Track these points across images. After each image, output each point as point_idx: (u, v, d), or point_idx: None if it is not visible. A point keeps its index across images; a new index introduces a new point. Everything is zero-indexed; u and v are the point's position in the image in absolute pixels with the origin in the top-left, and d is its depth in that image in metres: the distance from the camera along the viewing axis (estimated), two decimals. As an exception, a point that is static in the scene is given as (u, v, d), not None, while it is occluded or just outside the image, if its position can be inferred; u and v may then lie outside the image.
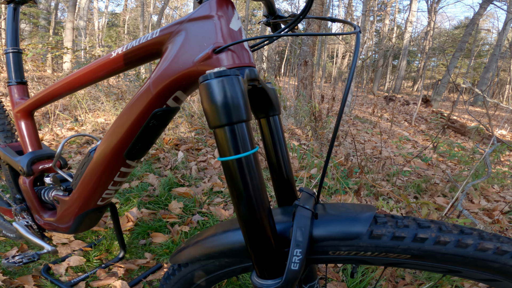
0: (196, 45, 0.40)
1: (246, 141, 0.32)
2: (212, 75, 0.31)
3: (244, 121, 0.32)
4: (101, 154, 0.53)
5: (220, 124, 0.31)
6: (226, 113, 0.31)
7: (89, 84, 0.60)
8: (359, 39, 0.41)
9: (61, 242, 1.23)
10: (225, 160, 0.33)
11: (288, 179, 0.49)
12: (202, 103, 0.32)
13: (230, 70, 0.31)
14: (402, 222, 0.38)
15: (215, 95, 0.30)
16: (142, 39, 0.48)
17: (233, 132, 0.31)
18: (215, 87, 0.30)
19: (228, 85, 0.31)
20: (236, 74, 0.32)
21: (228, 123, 0.31)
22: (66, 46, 4.23)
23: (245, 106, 0.32)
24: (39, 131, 2.77)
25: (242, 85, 0.32)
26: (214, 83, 0.30)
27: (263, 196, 0.34)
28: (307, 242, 0.36)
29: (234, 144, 0.32)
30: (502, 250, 0.35)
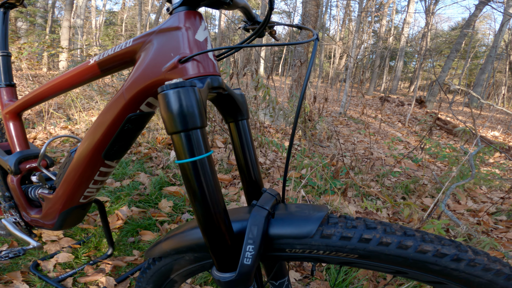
0: (164, 55, 0.43)
1: (200, 146, 0.35)
2: (168, 86, 0.34)
3: (198, 127, 0.35)
4: (81, 155, 0.56)
5: (176, 130, 0.34)
6: (181, 121, 0.34)
7: (70, 89, 0.63)
8: (316, 46, 0.44)
9: (51, 239, 1.25)
10: (181, 163, 0.36)
11: (256, 180, 0.52)
12: (160, 111, 0.35)
13: (186, 81, 0.34)
14: (351, 223, 0.41)
15: (171, 104, 0.33)
16: (117, 48, 0.51)
17: (188, 138, 0.34)
18: (171, 97, 0.33)
19: (184, 95, 0.34)
20: (192, 85, 0.35)
21: (184, 130, 0.34)
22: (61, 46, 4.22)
23: (199, 114, 0.35)
24: (33, 130, 2.78)
25: (198, 95, 0.35)
26: (171, 93, 0.33)
27: (218, 196, 0.37)
28: (259, 239, 0.39)
29: (189, 148, 0.35)
30: (441, 253, 0.37)
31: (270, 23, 0.66)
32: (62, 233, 1.29)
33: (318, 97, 7.47)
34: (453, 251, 0.38)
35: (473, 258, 0.38)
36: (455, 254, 0.38)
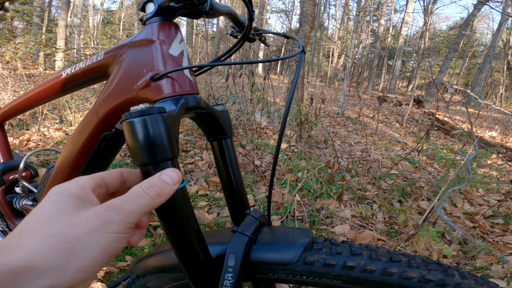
0: (136, 71, 0.40)
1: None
2: (133, 114, 0.30)
3: (168, 159, 0.32)
4: (58, 171, 0.54)
5: (144, 163, 0.31)
6: (149, 153, 0.30)
7: (47, 101, 0.61)
8: (302, 59, 0.42)
9: None
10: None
11: (242, 199, 0.50)
12: (126, 140, 0.32)
13: (154, 107, 0.31)
14: (336, 248, 0.39)
15: (137, 134, 0.30)
16: (88, 61, 0.48)
17: (157, 170, 0.31)
18: (137, 126, 0.30)
19: (151, 124, 0.30)
20: (161, 112, 0.31)
21: (152, 163, 0.31)
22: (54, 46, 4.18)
23: (169, 145, 0.32)
24: (27, 131, 2.76)
25: (167, 123, 0.32)
26: (136, 122, 0.30)
27: (192, 225, 0.35)
28: (238, 267, 0.37)
29: None
30: (426, 279, 0.36)
31: (257, 31, 0.64)
32: None
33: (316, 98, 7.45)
34: (439, 276, 0.37)
35: (459, 283, 0.37)
36: (441, 280, 0.37)
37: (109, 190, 0.31)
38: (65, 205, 0.25)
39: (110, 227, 0.25)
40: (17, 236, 0.24)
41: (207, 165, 2.33)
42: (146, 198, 0.27)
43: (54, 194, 0.26)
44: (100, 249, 0.24)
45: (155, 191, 0.28)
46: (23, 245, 0.23)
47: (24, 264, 0.22)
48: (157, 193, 0.28)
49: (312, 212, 1.77)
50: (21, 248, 0.22)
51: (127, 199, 0.26)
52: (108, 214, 0.25)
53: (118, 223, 0.25)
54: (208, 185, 2.02)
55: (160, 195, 0.28)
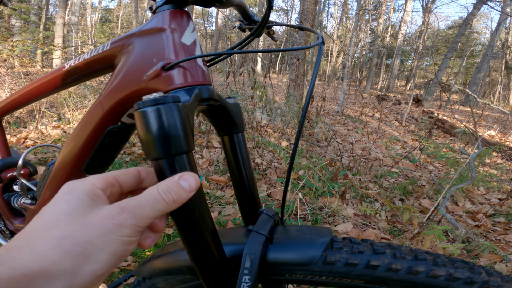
0: (146, 61, 0.37)
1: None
2: (146, 103, 0.28)
3: (184, 152, 0.29)
4: (59, 169, 0.51)
5: (157, 157, 0.28)
6: (163, 146, 0.28)
7: (47, 95, 0.58)
8: (321, 50, 0.40)
9: None
10: None
11: (253, 197, 0.48)
12: (137, 132, 0.29)
13: (168, 96, 0.29)
14: (358, 247, 0.37)
15: (150, 125, 0.28)
16: (93, 51, 0.46)
17: (172, 165, 0.29)
18: (150, 116, 0.28)
19: (166, 114, 0.28)
20: (176, 101, 0.29)
21: (166, 156, 0.28)
22: (52, 44, 4.14)
23: (185, 137, 0.29)
24: (24, 129, 2.72)
25: (183, 113, 0.30)
26: (149, 112, 0.28)
27: (208, 224, 0.33)
28: (256, 269, 0.35)
29: None
30: (454, 277, 0.34)
31: (269, 23, 0.61)
32: None
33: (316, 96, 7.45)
34: (467, 274, 0.35)
35: (487, 280, 0.36)
36: (469, 277, 0.35)
37: (123, 190, 0.30)
38: (77, 203, 0.24)
39: (122, 230, 0.24)
40: (27, 237, 0.23)
41: (208, 163, 2.31)
42: (162, 204, 0.26)
43: (66, 192, 0.25)
44: (111, 252, 0.23)
45: (172, 197, 0.26)
46: (33, 248, 0.22)
47: (35, 268, 0.21)
48: (173, 199, 0.26)
49: (314, 211, 1.75)
50: (32, 251, 0.21)
51: (142, 203, 0.25)
52: (122, 216, 0.24)
53: (130, 227, 0.24)
54: (208, 183, 1.99)
55: (175, 202, 0.27)
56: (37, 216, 0.24)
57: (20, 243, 0.22)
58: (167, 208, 0.26)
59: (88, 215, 0.24)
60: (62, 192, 0.25)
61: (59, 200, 0.25)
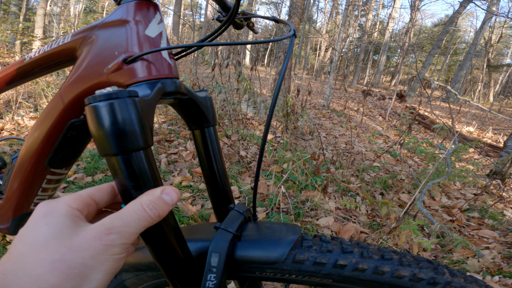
0: (108, 53, 0.36)
1: (145, 171, 0.29)
2: (97, 97, 0.26)
3: (141, 149, 0.28)
4: (22, 162, 0.49)
5: (111, 153, 0.27)
6: (117, 142, 0.27)
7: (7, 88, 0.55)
8: (293, 43, 0.39)
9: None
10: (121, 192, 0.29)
11: (225, 192, 0.47)
12: (89, 128, 0.28)
13: (123, 90, 0.27)
14: (327, 246, 0.37)
15: (102, 121, 0.26)
16: (54, 43, 0.44)
17: (128, 162, 0.27)
18: (102, 111, 0.26)
19: (119, 109, 0.27)
20: (132, 95, 0.28)
21: (121, 152, 0.27)
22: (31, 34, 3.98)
23: (142, 132, 0.28)
24: (0, 120, 2.60)
25: (140, 108, 0.28)
26: (101, 107, 0.26)
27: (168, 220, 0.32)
28: (222, 267, 0.34)
29: (129, 176, 0.28)
30: (418, 277, 0.35)
31: (246, 15, 0.60)
32: None
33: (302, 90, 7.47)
34: (430, 274, 0.36)
35: (450, 281, 0.37)
36: (432, 278, 0.36)
37: (99, 207, 0.30)
38: (59, 226, 0.24)
39: (112, 250, 0.25)
40: (17, 261, 0.23)
41: (191, 155, 2.28)
42: (147, 220, 0.26)
43: (43, 215, 0.25)
44: (105, 271, 0.24)
45: (157, 212, 0.27)
46: (29, 272, 0.22)
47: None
48: (159, 215, 0.27)
49: (297, 204, 1.77)
50: (29, 275, 0.22)
51: (129, 222, 0.26)
52: (110, 237, 0.25)
53: (119, 246, 0.25)
54: (192, 176, 1.97)
55: (160, 216, 0.27)
56: (19, 240, 0.24)
57: (13, 267, 0.22)
58: (152, 223, 0.27)
59: (74, 237, 0.24)
60: (39, 215, 0.25)
61: (38, 223, 0.25)
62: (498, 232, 1.79)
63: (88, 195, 0.28)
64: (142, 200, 0.27)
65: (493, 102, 9.27)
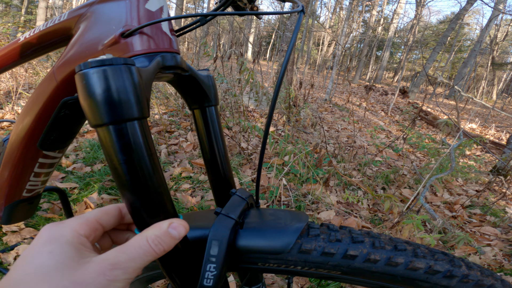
0: (105, 28, 0.34)
1: (139, 143, 0.26)
2: (89, 64, 0.25)
3: (135, 118, 0.26)
4: (13, 144, 0.46)
5: (101, 122, 0.25)
6: (109, 110, 0.25)
7: (4, 70, 0.53)
8: (301, 18, 0.36)
9: (11, 230, 1.14)
10: (112, 167, 0.27)
11: (226, 177, 0.44)
12: (79, 98, 0.26)
13: (118, 58, 0.25)
14: (335, 235, 0.35)
15: (93, 88, 0.25)
16: (49, 22, 0.42)
17: (120, 133, 0.26)
18: (93, 78, 0.24)
19: (112, 76, 0.25)
20: (127, 63, 0.26)
21: (113, 122, 0.25)
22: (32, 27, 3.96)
23: (137, 102, 0.26)
24: (0, 110, 2.57)
25: (136, 76, 0.26)
26: (91, 73, 0.24)
27: (166, 205, 0.29)
28: (223, 256, 0.32)
29: (122, 147, 0.26)
30: (434, 270, 0.32)
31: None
32: (24, 224, 1.19)
33: (304, 83, 7.41)
34: (446, 267, 0.34)
35: (467, 274, 0.34)
36: (448, 270, 0.33)
37: (105, 229, 0.30)
38: (62, 257, 0.24)
39: (115, 284, 0.24)
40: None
41: (192, 146, 2.25)
42: (152, 255, 0.26)
43: (48, 241, 0.25)
44: None
45: (163, 248, 0.26)
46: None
47: None
48: (164, 250, 0.27)
49: (298, 197, 1.75)
50: None
51: (134, 257, 0.25)
52: (114, 273, 0.24)
53: (123, 281, 0.25)
54: (192, 167, 1.95)
55: (165, 251, 0.27)
56: (21, 265, 0.24)
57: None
58: (157, 257, 0.26)
59: (77, 270, 0.24)
60: (43, 241, 0.25)
61: (41, 251, 0.24)
62: (500, 229, 1.77)
63: (95, 220, 0.28)
64: (148, 235, 0.26)
65: (496, 100, 9.19)
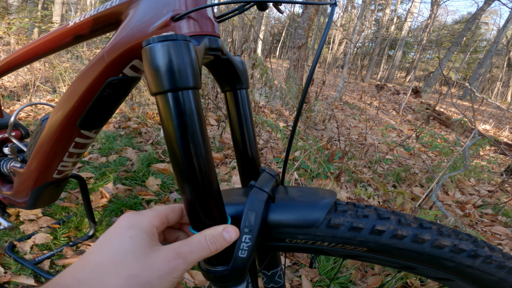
0: (155, 12, 0.37)
1: (192, 110, 0.29)
2: (155, 39, 0.28)
3: (190, 87, 0.29)
4: (53, 123, 0.49)
5: (162, 90, 0.28)
6: (169, 78, 0.28)
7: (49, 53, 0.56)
8: (333, 12, 0.38)
9: (29, 218, 1.15)
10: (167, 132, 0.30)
11: (253, 158, 0.46)
12: (144, 69, 0.29)
13: (179, 35, 0.28)
14: (362, 211, 0.36)
15: (158, 59, 0.27)
16: (100, 8, 0.44)
17: (177, 100, 0.28)
18: (158, 51, 0.27)
19: (174, 50, 0.28)
20: (186, 40, 0.29)
21: (171, 89, 0.28)
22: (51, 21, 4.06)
23: (192, 73, 0.29)
24: (18, 102, 2.65)
25: (192, 52, 0.29)
26: (158, 47, 0.27)
27: (211, 176, 0.31)
28: (258, 228, 0.33)
29: (178, 114, 0.28)
30: (459, 248, 0.34)
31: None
32: (41, 212, 1.21)
33: (316, 81, 7.37)
34: (471, 246, 0.35)
35: (490, 255, 0.35)
36: (473, 250, 0.34)
37: (168, 225, 0.33)
38: (140, 243, 0.27)
39: (175, 273, 0.27)
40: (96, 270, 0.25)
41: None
42: (207, 251, 0.30)
43: (128, 227, 0.28)
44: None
45: (216, 247, 0.30)
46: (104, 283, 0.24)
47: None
48: (217, 249, 0.30)
49: (309, 192, 1.76)
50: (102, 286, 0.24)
51: (193, 250, 0.29)
52: (177, 262, 0.27)
53: (182, 271, 0.28)
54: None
55: (217, 250, 0.30)
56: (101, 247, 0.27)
57: (90, 276, 0.24)
58: (210, 254, 0.30)
59: (149, 255, 0.27)
60: (124, 226, 0.28)
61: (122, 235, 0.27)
62: (511, 229, 1.75)
63: (165, 215, 0.32)
64: (206, 234, 0.30)
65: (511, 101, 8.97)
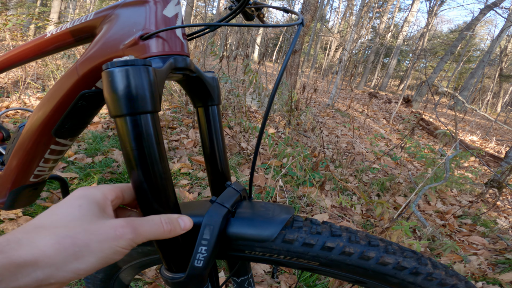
0: (126, 30, 0.39)
1: (150, 133, 0.31)
2: (115, 63, 0.29)
3: (148, 112, 0.31)
4: (29, 130, 0.51)
5: (120, 113, 0.30)
6: (127, 103, 0.29)
7: (25, 62, 0.58)
8: (300, 30, 0.40)
9: (8, 217, 1.15)
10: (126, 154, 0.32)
11: (223, 172, 0.48)
12: (103, 92, 0.31)
13: (139, 59, 0.30)
14: (316, 228, 0.39)
15: (116, 84, 0.29)
16: (76, 21, 0.47)
17: (135, 123, 0.30)
18: (117, 76, 0.29)
19: (133, 75, 0.29)
20: (146, 64, 0.30)
21: (129, 113, 0.30)
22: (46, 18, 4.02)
23: (151, 97, 0.31)
24: (7, 99, 2.62)
25: (152, 76, 0.31)
26: (116, 72, 0.29)
27: (168, 191, 0.34)
28: (214, 240, 0.36)
29: (135, 136, 0.30)
30: (401, 266, 0.36)
31: (257, 5, 0.61)
32: (21, 211, 1.20)
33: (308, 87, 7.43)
34: (413, 264, 0.37)
35: (431, 272, 0.38)
36: (414, 268, 0.37)
37: (124, 202, 0.34)
38: (89, 212, 0.27)
39: (119, 241, 0.27)
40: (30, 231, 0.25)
41: (192, 143, 2.29)
42: (160, 229, 0.30)
43: (80, 196, 0.29)
44: (100, 257, 0.26)
45: (170, 227, 0.31)
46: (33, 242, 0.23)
47: (28, 259, 0.23)
48: (170, 230, 0.31)
49: (294, 199, 1.78)
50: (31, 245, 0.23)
51: (145, 224, 0.29)
52: (124, 230, 0.27)
53: (127, 240, 0.27)
54: (191, 164, 1.99)
55: (170, 232, 0.31)
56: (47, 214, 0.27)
57: (22, 236, 0.24)
58: (162, 235, 0.30)
59: (94, 222, 0.27)
60: (76, 195, 0.29)
61: (73, 204, 0.28)
62: (489, 239, 1.80)
63: (121, 190, 0.33)
64: (161, 216, 0.31)
65: (500, 112, 9.19)
